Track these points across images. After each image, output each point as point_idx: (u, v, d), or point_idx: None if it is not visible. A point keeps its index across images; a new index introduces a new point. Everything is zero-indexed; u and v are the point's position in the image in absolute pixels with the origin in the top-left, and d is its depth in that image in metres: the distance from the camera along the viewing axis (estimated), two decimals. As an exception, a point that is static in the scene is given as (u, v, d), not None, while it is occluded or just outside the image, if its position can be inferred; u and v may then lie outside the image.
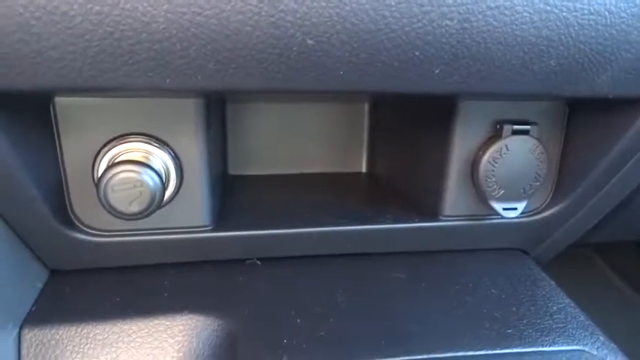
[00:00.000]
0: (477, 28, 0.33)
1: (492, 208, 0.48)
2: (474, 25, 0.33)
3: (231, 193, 0.56)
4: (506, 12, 0.33)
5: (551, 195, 0.52)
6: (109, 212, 0.38)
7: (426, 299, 0.45)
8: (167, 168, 0.42)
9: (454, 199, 0.50)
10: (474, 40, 0.34)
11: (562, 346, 0.41)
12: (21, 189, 0.38)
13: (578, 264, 0.98)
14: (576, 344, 0.41)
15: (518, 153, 0.47)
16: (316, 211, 0.51)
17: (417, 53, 0.33)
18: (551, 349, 0.40)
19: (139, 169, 0.37)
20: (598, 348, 0.41)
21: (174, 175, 0.42)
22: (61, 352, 0.39)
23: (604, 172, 0.48)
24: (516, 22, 0.34)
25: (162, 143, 0.42)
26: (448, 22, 0.33)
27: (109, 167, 0.38)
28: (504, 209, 0.49)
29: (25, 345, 0.39)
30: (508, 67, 0.35)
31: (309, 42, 0.31)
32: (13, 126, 0.35)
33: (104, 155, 0.41)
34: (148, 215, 0.39)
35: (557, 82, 0.37)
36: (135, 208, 0.38)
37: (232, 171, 0.65)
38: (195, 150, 0.43)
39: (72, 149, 0.41)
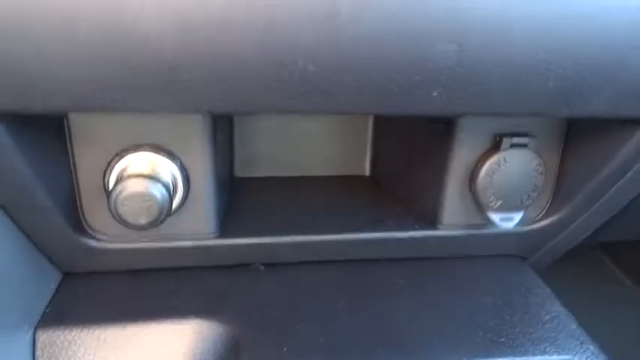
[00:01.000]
0: (475, 52, 0.34)
1: (489, 219, 0.50)
2: (472, 50, 0.34)
3: (237, 197, 0.58)
4: (505, 37, 0.34)
5: (548, 205, 0.53)
6: (120, 223, 0.40)
7: (422, 307, 0.47)
8: (175, 178, 0.44)
9: (453, 208, 0.51)
10: (472, 64, 0.35)
11: (552, 355, 0.42)
12: (36, 199, 0.40)
13: (584, 261, 0.99)
14: (566, 354, 0.43)
15: (516, 165, 0.48)
16: (319, 217, 0.52)
17: (417, 78, 0.35)
18: (541, 358, 0.42)
19: (147, 184, 0.39)
20: (587, 358, 0.43)
21: (182, 185, 0.44)
22: (74, 354, 0.41)
23: (601, 185, 0.50)
24: (514, 47, 0.34)
25: (169, 154, 0.44)
26: (448, 47, 0.34)
27: (118, 181, 0.40)
28: (501, 219, 0.50)
29: (39, 346, 0.41)
30: (506, 89, 0.36)
31: (311, 68, 0.32)
32: (28, 140, 0.37)
33: (115, 165, 0.43)
34: (156, 226, 0.41)
35: (554, 103, 0.38)
36: (144, 220, 0.40)
37: (239, 173, 0.67)
38: (201, 161, 0.44)
39: (84, 160, 0.43)
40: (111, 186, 0.42)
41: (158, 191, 0.40)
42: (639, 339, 0.87)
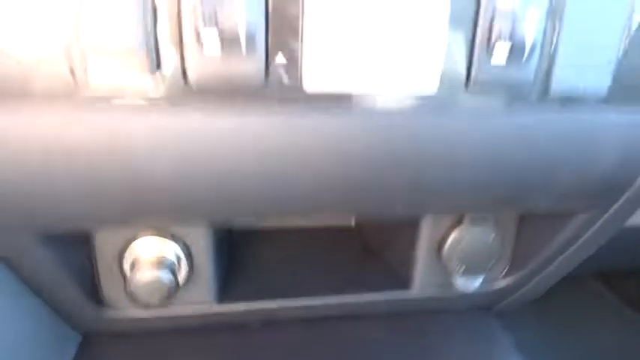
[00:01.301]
0: (429, 177, 0.41)
1: (454, 282, 0.57)
2: (427, 175, 0.41)
3: (235, 257, 0.65)
4: (455, 168, 0.41)
5: (508, 267, 0.61)
6: (136, 304, 0.47)
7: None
8: (179, 258, 0.51)
9: (424, 271, 0.58)
10: (428, 186, 0.42)
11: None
12: (60, 282, 0.47)
13: (573, 283, 1.04)
14: (515, 408, 0.50)
15: (477, 238, 0.55)
16: (304, 279, 0.60)
17: (383, 197, 0.41)
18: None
19: (156, 272, 0.46)
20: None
21: (185, 264, 0.51)
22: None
23: (553, 251, 0.57)
24: (464, 174, 0.41)
25: (174, 237, 0.51)
26: (407, 175, 0.41)
27: (132, 267, 0.47)
28: (465, 282, 0.58)
29: None
30: (457, 200, 0.44)
31: (299, 193, 0.39)
32: (55, 241, 0.44)
33: (127, 250, 0.50)
34: (166, 304, 0.48)
35: (499, 206, 0.45)
36: (155, 300, 0.47)
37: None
38: (202, 243, 0.51)
39: (103, 248, 0.50)
40: (126, 269, 0.50)
41: (166, 276, 0.47)
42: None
